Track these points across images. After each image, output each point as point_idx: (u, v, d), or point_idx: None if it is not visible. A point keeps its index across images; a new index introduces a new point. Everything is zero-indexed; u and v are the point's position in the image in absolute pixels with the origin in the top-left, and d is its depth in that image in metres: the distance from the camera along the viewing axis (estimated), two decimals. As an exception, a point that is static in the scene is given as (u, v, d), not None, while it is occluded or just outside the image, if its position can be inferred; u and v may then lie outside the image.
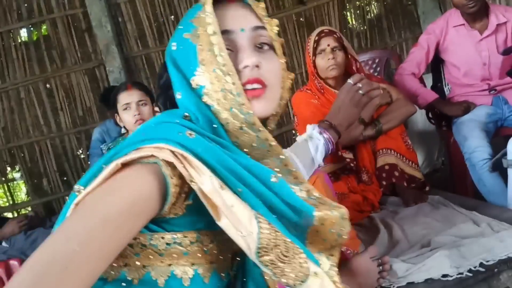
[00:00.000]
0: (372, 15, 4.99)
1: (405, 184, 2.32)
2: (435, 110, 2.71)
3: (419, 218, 2.09)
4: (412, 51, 2.73)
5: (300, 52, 4.79)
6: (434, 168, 3.40)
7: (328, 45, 2.36)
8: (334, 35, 2.38)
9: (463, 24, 2.54)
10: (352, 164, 2.38)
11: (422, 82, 2.74)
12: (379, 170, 2.34)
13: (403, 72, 2.66)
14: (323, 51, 2.38)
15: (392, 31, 4.90)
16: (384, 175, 2.33)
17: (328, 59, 2.36)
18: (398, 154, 2.32)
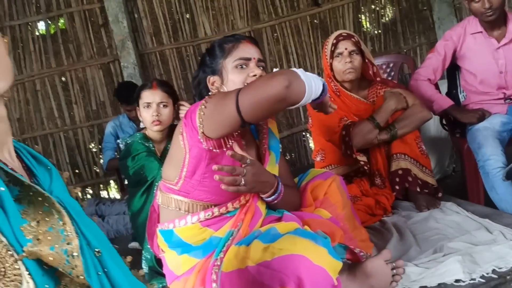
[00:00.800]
0: (387, 19, 5.00)
1: (418, 189, 2.33)
2: (449, 116, 2.72)
3: (431, 223, 2.11)
4: (428, 57, 2.73)
5: (314, 54, 4.81)
6: (445, 174, 3.40)
7: (346, 48, 2.38)
8: (352, 39, 2.40)
9: (481, 32, 2.55)
10: (365, 168, 2.39)
11: (437, 89, 2.75)
12: (393, 174, 2.36)
13: (419, 78, 2.67)
14: (340, 54, 2.40)
15: (406, 35, 4.91)
16: (397, 180, 2.34)
17: (345, 62, 2.38)
18: (412, 160, 2.34)
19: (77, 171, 4.69)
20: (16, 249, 0.69)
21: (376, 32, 4.94)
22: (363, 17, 4.96)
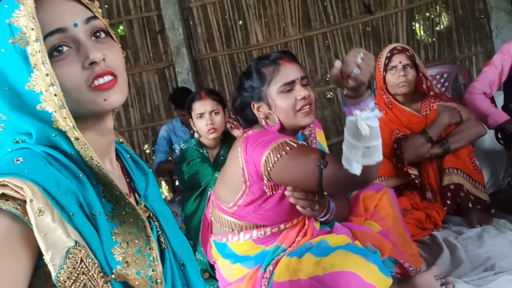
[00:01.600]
0: (441, 27, 4.90)
1: (470, 205, 2.31)
2: (504, 130, 2.66)
3: (483, 240, 2.09)
4: (484, 70, 2.69)
5: (365, 62, 4.78)
6: (499, 188, 3.31)
7: (400, 62, 2.39)
8: (407, 53, 2.41)
9: (540, 45, 2.49)
10: (416, 181, 2.39)
11: (492, 102, 2.70)
12: (444, 189, 2.35)
13: (474, 91, 2.63)
14: (394, 68, 2.41)
15: (462, 44, 4.79)
16: (449, 194, 2.33)
17: (399, 76, 2.38)
18: (465, 175, 2.32)
19: (131, 171, 4.88)
20: (106, 270, 0.72)
21: (430, 40, 4.85)
22: (417, 25, 4.88)
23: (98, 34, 0.79)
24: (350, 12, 4.77)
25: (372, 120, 1.22)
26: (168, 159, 4.11)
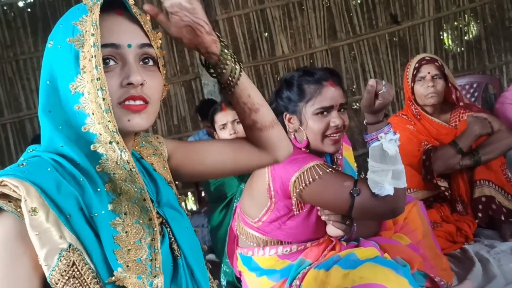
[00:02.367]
0: (470, 36, 4.83)
1: (502, 217, 2.25)
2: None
3: (517, 254, 2.03)
4: (516, 79, 2.64)
5: (391, 72, 4.74)
6: (532, 201, 3.23)
7: (429, 72, 2.36)
8: (436, 63, 2.37)
9: None
10: (446, 193, 2.34)
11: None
12: (475, 201, 2.29)
13: (505, 101, 2.58)
14: (423, 78, 2.37)
15: (491, 53, 4.70)
16: (480, 207, 2.28)
17: (428, 86, 2.35)
18: (497, 187, 2.26)
19: (158, 182, 4.93)
20: (102, 276, 0.73)
21: (458, 50, 4.78)
22: (445, 34, 4.83)
23: (147, 60, 0.84)
24: (376, 22, 4.75)
25: (394, 143, 1.36)
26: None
